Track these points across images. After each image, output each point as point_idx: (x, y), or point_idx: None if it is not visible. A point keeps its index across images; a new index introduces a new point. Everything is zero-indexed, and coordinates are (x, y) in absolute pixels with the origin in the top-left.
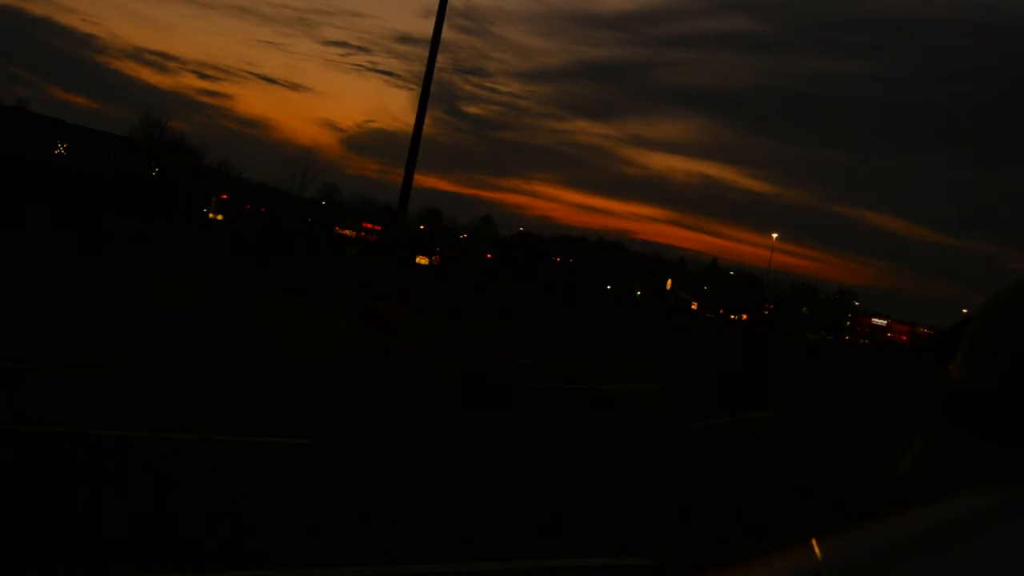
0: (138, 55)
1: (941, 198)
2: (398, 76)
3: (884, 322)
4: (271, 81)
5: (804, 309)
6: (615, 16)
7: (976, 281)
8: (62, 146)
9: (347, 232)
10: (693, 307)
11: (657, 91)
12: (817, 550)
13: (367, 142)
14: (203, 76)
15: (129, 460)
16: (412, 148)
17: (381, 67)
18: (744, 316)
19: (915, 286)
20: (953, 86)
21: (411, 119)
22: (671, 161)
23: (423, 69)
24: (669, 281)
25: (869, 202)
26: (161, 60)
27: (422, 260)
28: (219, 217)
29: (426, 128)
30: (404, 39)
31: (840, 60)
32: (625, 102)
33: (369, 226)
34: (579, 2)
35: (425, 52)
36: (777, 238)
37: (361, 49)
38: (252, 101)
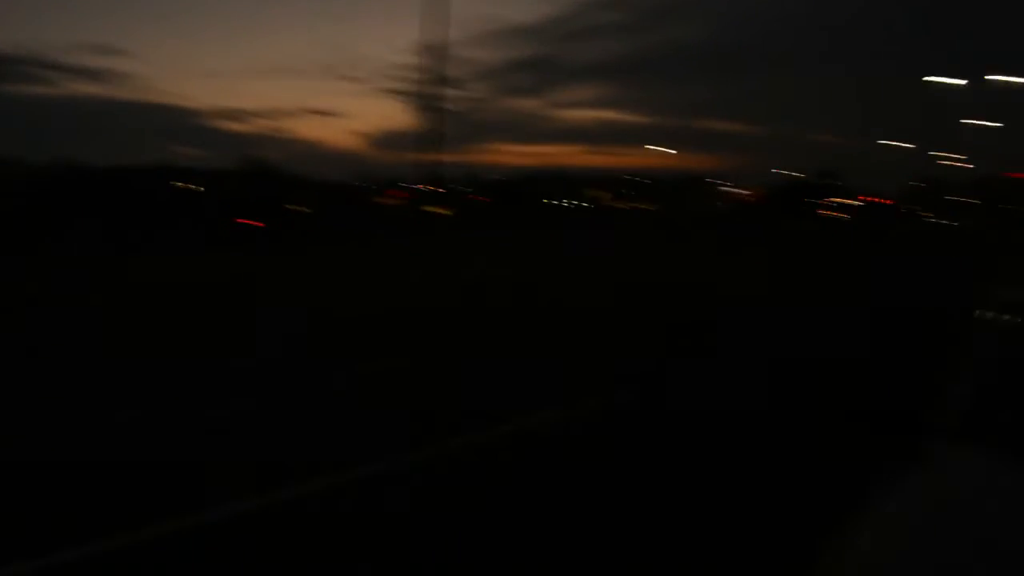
0: (223, 113)
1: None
2: (399, 93)
3: None
4: (317, 113)
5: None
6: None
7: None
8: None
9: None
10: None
11: (570, 71)
12: (822, 550)
13: (385, 140)
14: (268, 118)
15: None
16: (430, 140)
17: (386, 88)
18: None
19: None
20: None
21: (413, 120)
22: (587, 114)
23: (415, 87)
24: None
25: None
26: (237, 113)
27: (442, 210)
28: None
29: (413, 120)
30: (400, 67)
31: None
32: (548, 82)
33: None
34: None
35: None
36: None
37: (369, 78)
38: (305, 130)
